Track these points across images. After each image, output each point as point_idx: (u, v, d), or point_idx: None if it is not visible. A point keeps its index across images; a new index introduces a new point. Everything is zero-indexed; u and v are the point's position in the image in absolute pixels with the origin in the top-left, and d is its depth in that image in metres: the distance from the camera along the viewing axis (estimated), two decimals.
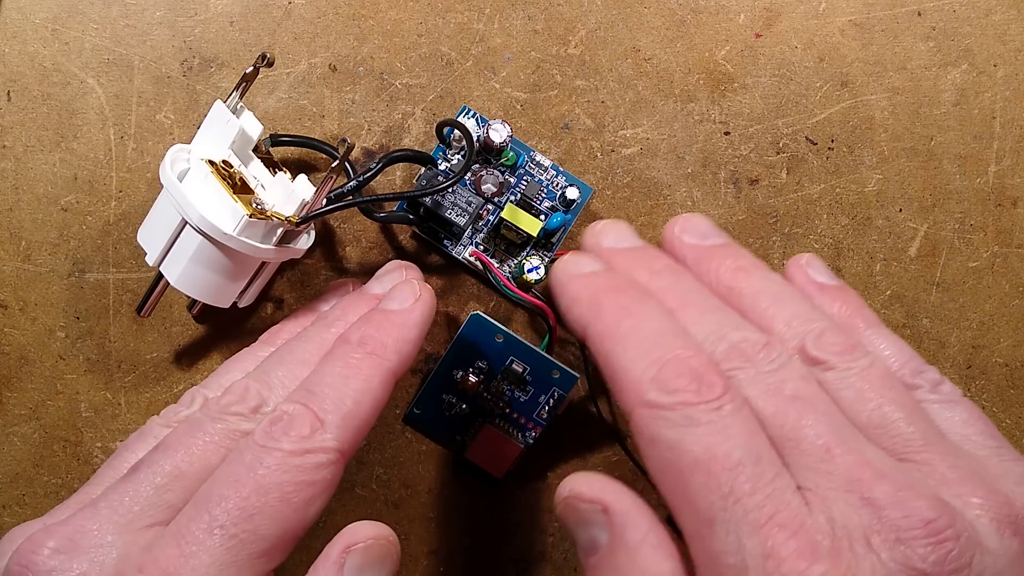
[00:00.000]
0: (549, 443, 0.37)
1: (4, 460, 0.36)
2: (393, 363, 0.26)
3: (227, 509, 0.21)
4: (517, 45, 0.37)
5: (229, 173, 0.31)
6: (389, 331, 0.27)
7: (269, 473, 0.22)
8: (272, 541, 0.21)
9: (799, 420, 0.20)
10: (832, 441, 0.20)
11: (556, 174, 0.36)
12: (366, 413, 0.24)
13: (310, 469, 0.22)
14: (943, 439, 0.21)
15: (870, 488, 0.19)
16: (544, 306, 0.35)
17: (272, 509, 0.21)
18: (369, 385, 0.25)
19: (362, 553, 0.23)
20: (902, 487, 0.19)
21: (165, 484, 0.23)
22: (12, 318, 0.36)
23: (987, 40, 0.37)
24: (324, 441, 0.23)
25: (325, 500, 0.23)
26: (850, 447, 0.20)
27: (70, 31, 0.36)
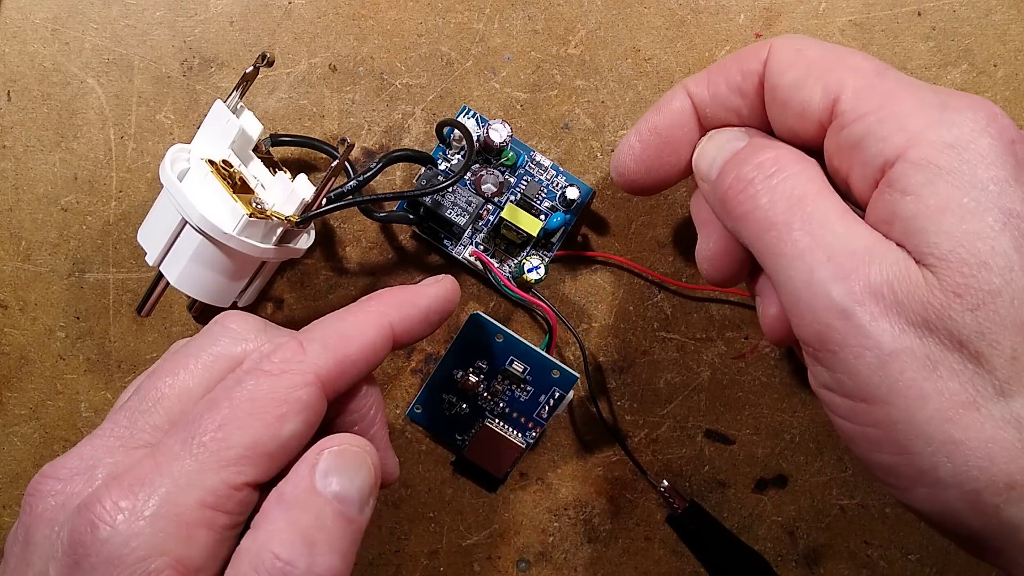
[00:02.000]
0: (549, 443, 0.37)
1: (4, 460, 0.36)
2: (393, 316, 0.27)
3: (200, 423, 0.22)
4: (517, 45, 0.37)
5: (229, 173, 0.31)
6: (397, 292, 0.28)
7: (243, 391, 0.23)
8: (241, 451, 0.22)
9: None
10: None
11: (556, 174, 0.36)
12: (353, 350, 0.25)
13: (284, 388, 0.23)
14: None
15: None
16: (545, 306, 0.35)
17: (241, 421, 0.22)
18: (361, 328, 0.26)
19: (335, 456, 0.23)
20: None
21: (148, 408, 0.24)
22: (12, 318, 0.36)
23: (987, 40, 0.37)
24: (301, 363, 0.24)
25: (302, 423, 0.23)
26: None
27: (70, 31, 0.36)
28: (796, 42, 0.25)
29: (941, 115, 0.21)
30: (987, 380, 0.20)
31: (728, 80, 0.27)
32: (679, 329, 0.37)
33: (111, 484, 0.21)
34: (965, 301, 0.20)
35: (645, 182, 0.30)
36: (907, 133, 0.21)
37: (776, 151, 0.24)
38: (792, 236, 0.22)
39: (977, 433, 0.20)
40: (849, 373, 0.21)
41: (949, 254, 0.20)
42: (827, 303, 0.21)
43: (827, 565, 0.37)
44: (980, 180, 0.20)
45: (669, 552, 0.37)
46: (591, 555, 0.37)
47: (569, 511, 0.37)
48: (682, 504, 0.36)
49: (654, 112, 0.29)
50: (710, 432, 0.37)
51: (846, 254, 0.21)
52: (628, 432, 0.37)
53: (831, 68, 0.24)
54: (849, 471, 0.37)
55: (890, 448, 0.21)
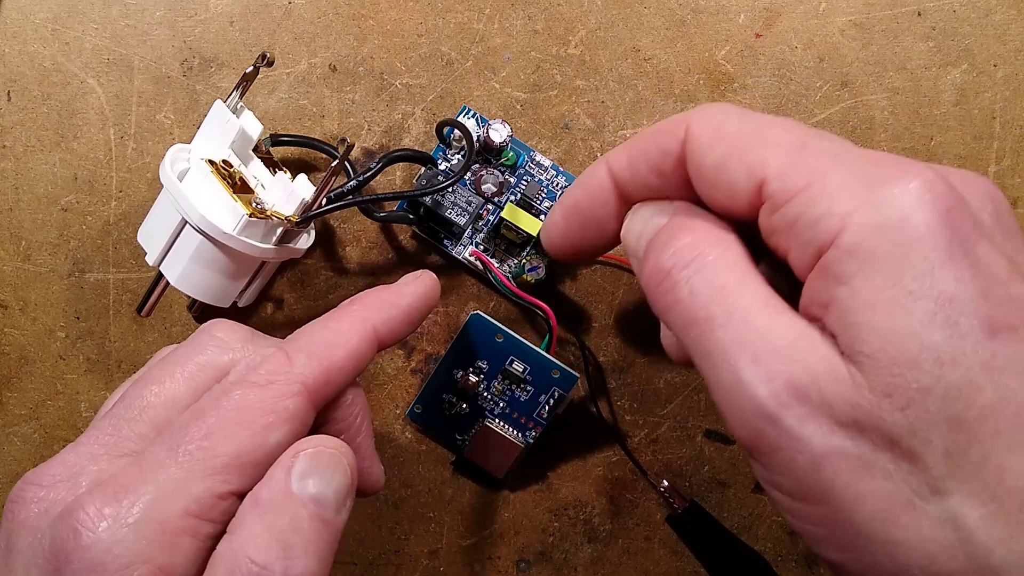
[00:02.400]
0: (549, 443, 0.37)
1: (4, 460, 0.36)
2: (375, 320, 0.27)
3: (186, 432, 0.22)
4: (517, 45, 0.37)
5: (229, 173, 0.31)
6: (378, 295, 0.28)
7: (231, 401, 0.23)
8: (227, 460, 0.22)
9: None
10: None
11: (556, 174, 0.36)
12: (339, 357, 0.25)
13: (271, 398, 0.23)
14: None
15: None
16: (544, 305, 0.35)
17: (227, 430, 0.22)
18: (345, 335, 0.26)
19: (310, 458, 0.23)
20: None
21: (134, 416, 0.24)
22: (12, 318, 0.36)
23: (987, 40, 0.37)
24: (288, 373, 0.24)
25: (288, 432, 0.23)
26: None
27: (70, 31, 0.36)
28: (714, 118, 0.24)
29: (870, 194, 0.20)
30: (921, 479, 0.19)
31: (647, 160, 0.26)
32: None
33: (95, 491, 0.21)
34: (894, 400, 0.19)
35: (574, 254, 0.30)
36: (836, 216, 0.20)
37: (693, 235, 0.23)
38: (715, 335, 0.21)
39: (915, 533, 0.19)
40: (785, 475, 0.20)
41: (879, 352, 0.19)
42: (754, 407, 0.20)
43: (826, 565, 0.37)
44: (912, 264, 0.19)
45: (669, 552, 0.37)
46: (591, 555, 0.37)
47: (569, 511, 0.37)
48: (682, 504, 0.36)
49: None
50: (710, 432, 0.37)
51: (770, 351, 0.20)
52: (628, 432, 0.37)
53: (751, 146, 0.23)
54: None
55: (835, 546, 0.21)
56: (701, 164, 0.24)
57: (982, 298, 0.19)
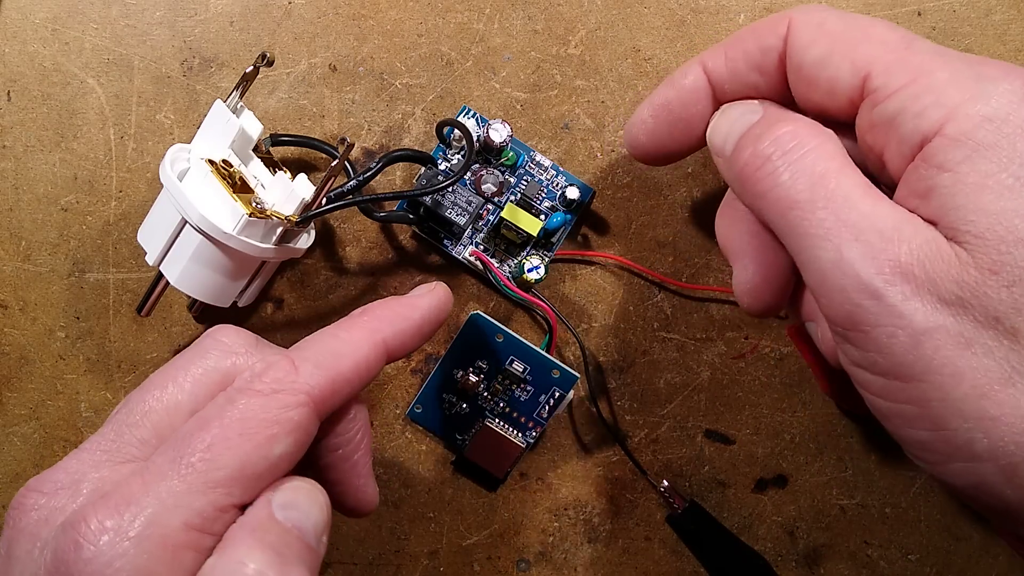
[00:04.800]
0: (549, 443, 0.37)
1: (4, 460, 0.36)
2: (386, 332, 0.26)
3: (189, 442, 0.22)
4: (517, 45, 0.37)
5: (229, 172, 0.31)
6: (390, 306, 0.28)
7: (235, 411, 0.23)
8: (229, 472, 0.22)
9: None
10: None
11: (556, 174, 0.36)
12: (346, 368, 0.25)
13: (275, 408, 0.23)
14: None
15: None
16: (545, 306, 0.35)
17: (231, 441, 0.22)
18: (354, 345, 0.25)
19: (290, 491, 0.23)
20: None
21: (136, 421, 0.24)
22: (12, 318, 0.36)
23: (987, 40, 0.37)
24: (294, 383, 0.23)
25: (292, 444, 0.23)
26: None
27: (70, 31, 0.36)
28: (817, 14, 0.24)
29: (977, 86, 0.21)
30: (1023, 356, 0.19)
31: (747, 56, 0.26)
32: (679, 329, 0.37)
33: (97, 502, 0.21)
34: (1001, 278, 0.19)
35: (657, 155, 0.30)
36: (943, 108, 0.21)
37: (794, 124, 0.24)
38: (816, 215, 0.22)
39: (1013, 409, 0.19)
40: (882, 352, 0.21)
41: (986, 231, 0.20)
42: (857, 283, 0.21)
43: (827, 565, 0.37)
44: (1019, 153, 0.20)
45: (669, 552, 0.37)
46: (591, 555, 0.37)
47: (569, 511, 0.37)
48: (682, 504, 0.36)
49: (667, 87, 0.28)
50: (710, 432, 0.37)
51: (874, 233, 0.21)
52: (628, 432, 0.37)
53: (857, 42, 0.23)
54: (849, 471, 0.37)
55: (925, 424, 0.21)
56: (803, 59, 0.24)
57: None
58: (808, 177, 0.22)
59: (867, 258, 0.21)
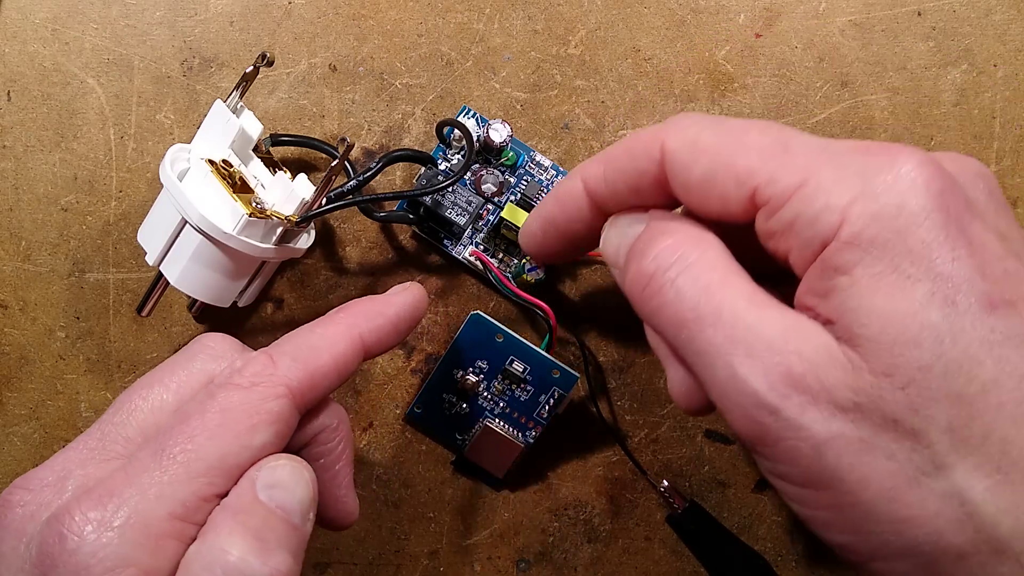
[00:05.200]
0: (549, 443, 0.37)
1: (4, 460, 0.36)
2: (362, 328, 0.27)
3: (171, 435, 0.22)
4: (517, 45, 0.37)
5: (229, 172, 0.31)
6: (365, 303, 0.28)
7: (215, 403, 0.23)
8: (211, 462, 0.22)
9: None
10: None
11: (556, 174, 0.36)
12: (323, 361, 0.25)
13: (255, 400, 0.23)
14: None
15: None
16: (544, 305, 0.35)
17: (211, 432, 0.22)
18: (331, 340, 0.26)
19: (273, 470, 0.23)
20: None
21: (122, 420, 0.24)
22: (12, 318, 0.36)
23: (987, 40, 0.37)
24: (272, 376, 0.24)
25: (273, 434, 0.23)
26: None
27: (70, 31, 0.36)
28: (689, 132, 0.24)
29: (864, 183, 0.20)
30: (925, 456, 0.19)
31: (624, 179, 0.26)
32: None
33: (81, 496, 0.21)
34: (895, 380, 0.19)
35: (554, 260, 0.32)
36: (835, 211, 0.20)
37: (674, 237, 0.23)
38: (705, 334, 0.21)
39: (922, 510, 0.19)
40: (790, 464, 0.21)
41: (879, 334, 0.19)
42: (753, 401, 0.20)
43: (827, 565, 0.37)
44: (910, 248, 0.20)
45: (669, 552, 0.37)
46: (591, 555, 0.37)
47: (569, 511, 0.37)
48: (682, 504, 0.36)
49: (551, 201, 0.29)
50: (710, 432, 0.37)
51: (763, 345, 0.20)
52: (628, 432, 0.37)
53: (734, 156, 0.22)
54: None
55: (843, 528, 0.21)
56: (687, 181, 0.24)
57: (979, 275, 0.19)
58: (692, 293, 0.22)
59: (759, 374, 0.20)
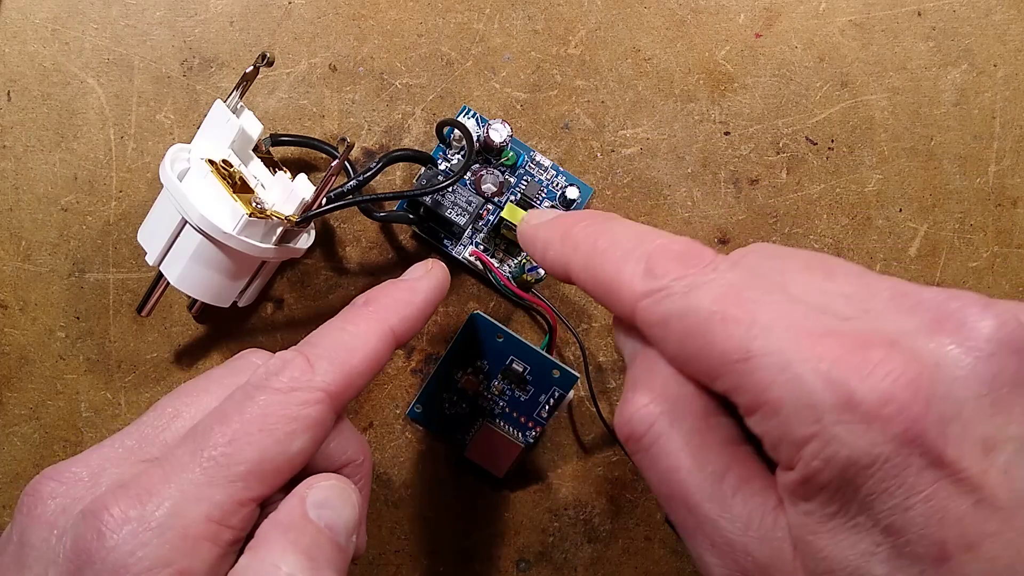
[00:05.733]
0: (549, 443, 0.37)
1: (4, 460, 0.36)
2: (392, 321, 0.27)
3: (210, 436, 0.22)
4: (517, 45, 0.37)
5: (229, 172, 0.31)
6: (392, 293, 0.28)
7: (255, 407, 0.23)
8: (249, 466, 0.22)
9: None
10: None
11: (556, 174, 0.36)
12: (358, 361, 0.25)
13: (294, 405, 0.23)
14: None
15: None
16: (545, 305, 0.35)
17: (251, 437, 0.22)
18: (364, 338, 0.26)
19: (324, 489, 0.23)
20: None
21: (164, 424, 0.24)
22: (12, 318, 0.36)
23: (987, 40, 0.37)
24: (311, 381, 0.24)
25: (310, 440, 0.23)
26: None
27: (70, 31, 0.36)
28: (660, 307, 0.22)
29: (824, 420, 0.18)
30: None
31: (601, 292, 0.24)
32: None
33: (118, 492, 0.21)
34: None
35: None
36: (795, 442, 0.19)
37: (650, 395, 0.22)
38: (675, 515, 0.21)
39: None
40: None
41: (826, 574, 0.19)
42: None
43: None
44: (861, 495, 0.18)
45: (669, 552, 0.37)
46: (591, 555, 0.37)
47: (569, 511, 0.37)
48: None
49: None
50: None
51: (723, 543, 0.20)
52: None
53: (710, 334, 0.21)
54: None
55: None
56: (663, 349, 0.22)
57: (935, 522, 0.18)
58: (662, 471, 0.22)
59: (720, 568, 0.20)
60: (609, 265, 0.23)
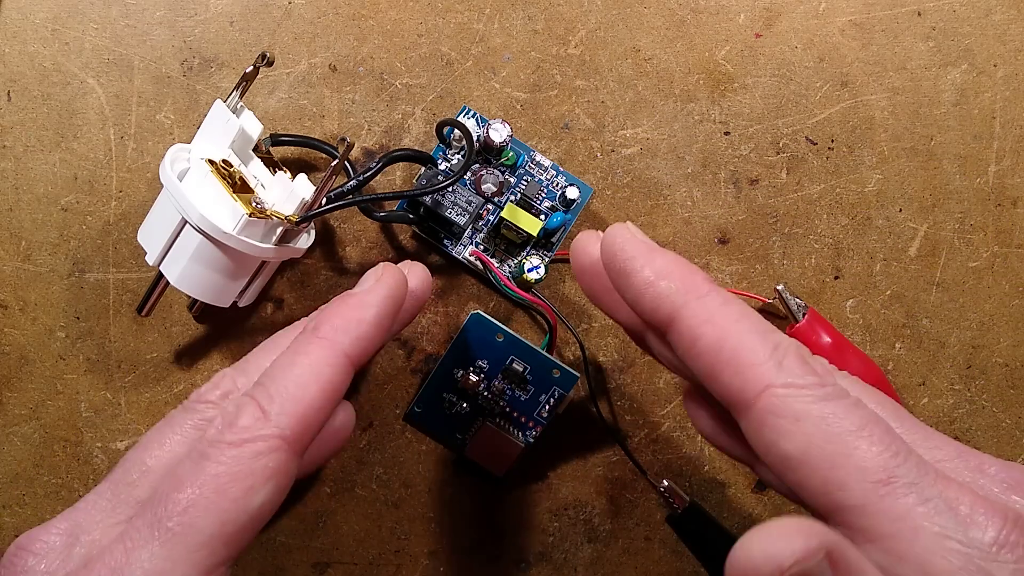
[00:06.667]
0: (549, 443, 0.37)
1: (4, 460, 0.36)
2: (345, 344, 0.25)
3: (165, 505, 0.21)
4: (517, 45, 0.37)
5: (229, 172, 0.31)
6: (342, 312, 0.26)
7: (209, 468, 0.22)
8: (210, 533, 0.21)
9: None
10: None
11: (556, 174, 0.36)
12: (312, 397, 0.24)
13: (247, 459, 0.22)
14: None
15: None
16: (545, 305, 0.35)
17: (208, 501, 0.21)
18: (316, 370, 0.24)
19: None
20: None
21: (134, 480, 0.24)
22: (12, 318, 0.36)
23: (987, 40, 0.37)
24: (263, 429, 0.23)
25: (273, 489, 0.22)
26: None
27: (70, 31, 0.36)
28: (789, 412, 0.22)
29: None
30: None
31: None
32: None
33: (80, 573, 0.21)
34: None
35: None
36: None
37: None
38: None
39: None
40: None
41: None
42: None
43: None
44: None
45: (669, 552, 0.37)
46: (591, 555, 0.37)
47: (569, 511, 0.37)
48: (682, 504, 0.36)
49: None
50: None
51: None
52: (628, 432, 0.37)
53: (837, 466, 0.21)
54: None
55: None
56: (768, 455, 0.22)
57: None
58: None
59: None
60: (744, 336, 0.22)
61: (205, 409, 0.25)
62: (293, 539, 0.36)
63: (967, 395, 0.38)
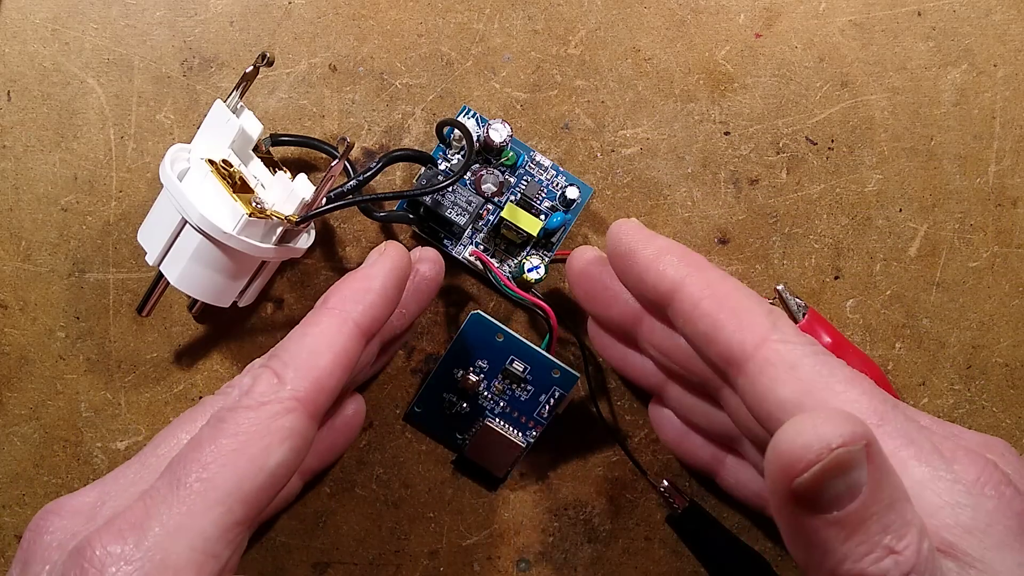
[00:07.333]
0: (549, 443, 0.37)
1: (4, 460, 0.36)
2: (355, 313, 0.26)
3: (186, 465, 0.22)
4: (517, 45, 0.37)
5: (229, 172, 0.31)
6: (348, 285, 0.28)
7: (227, 428, 0.23)
8: (228, 490, 0.22)
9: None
10: None
11: (556, 174, 0.36)
12: (327, 363, 0.25)
13: (265, 419, 0.23)
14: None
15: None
16: (544, 305, 0.35)
17: (226, 459, 0.22)
18: (328, 337, 0.25)
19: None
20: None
21: (164, 452, 0.24)
22: (12, 318, 0.36)
23: (987, 40, 0.37)
24: (279, 392, 0.24)
25: (289, 450, 0.23)
26: None
27: (70, 31, 0.36)
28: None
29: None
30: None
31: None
32: None
33: (103, 529, 0.21)
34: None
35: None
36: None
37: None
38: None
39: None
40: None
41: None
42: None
43: None
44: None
45: (669, 552, 0.37)
46: (591, 555, 0.37)
47: (569, 511, 0.37)
48: (682, 504, 0.36)
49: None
50: None
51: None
52: (628, 432, 0.37)
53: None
54: None
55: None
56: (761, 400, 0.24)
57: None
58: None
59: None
60: (743, 299, 0.26)
61: (232, 391, 0.26)
62: (293, 539, 0.36)
63: (967, 395, 0.38)
